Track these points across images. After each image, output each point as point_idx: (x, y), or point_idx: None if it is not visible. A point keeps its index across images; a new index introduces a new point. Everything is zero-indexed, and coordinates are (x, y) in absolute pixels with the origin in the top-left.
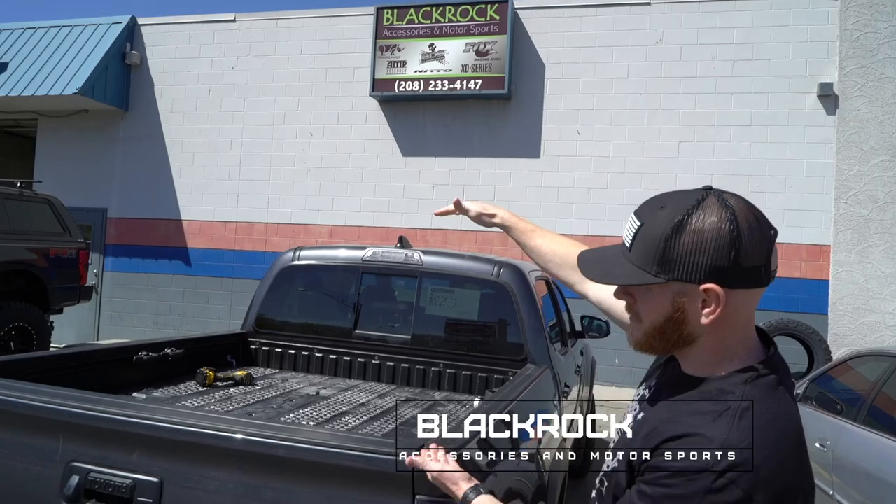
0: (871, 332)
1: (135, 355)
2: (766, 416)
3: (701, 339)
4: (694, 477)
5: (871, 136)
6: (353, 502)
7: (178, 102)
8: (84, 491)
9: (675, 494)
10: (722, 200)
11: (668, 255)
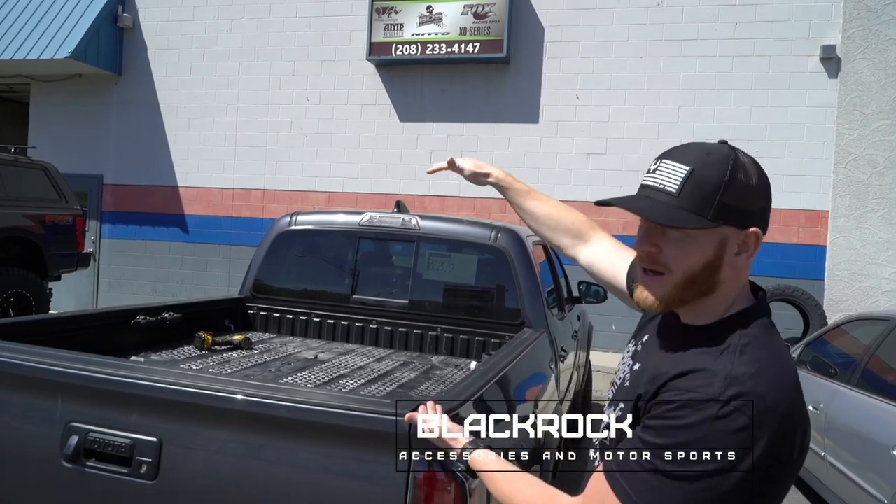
0: (867, 297)
1: (132, 319)
2: (765, 352)
3: (723, 286)
4: (701, 407)
5: (872, 99)
6: (352, 461)
7: (172, 67)
8: (84, 451)
9: (681, 424)
10: (748, 156)
11: (726, 200)
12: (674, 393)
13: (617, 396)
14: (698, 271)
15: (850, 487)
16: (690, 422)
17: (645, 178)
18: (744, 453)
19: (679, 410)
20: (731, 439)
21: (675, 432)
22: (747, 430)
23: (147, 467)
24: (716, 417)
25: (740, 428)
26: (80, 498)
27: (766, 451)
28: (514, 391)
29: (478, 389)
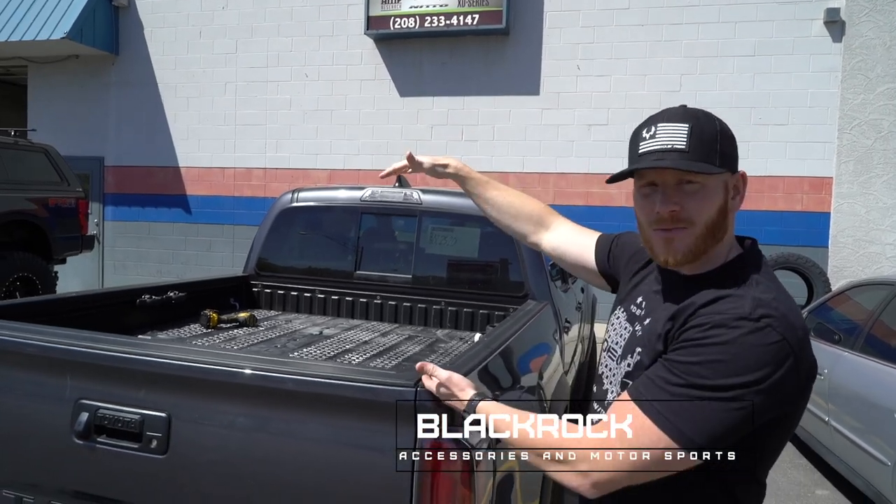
0: (871, 263)
1: (138, 299)
2: (775, 284)
3: (728, 231)
4: (734, 325)
5: (877, 62)
6: (359, 431)
7: (168, 45)
8: (94, 427)
9: (715, 342)
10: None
11: (724, 149)
12: (705, 316)
13: (626, 349)
14: (715, 218)
15: (855, 451)
16: (726, 339)
17: (645, 144)
18: (776, 368)
19: (712, 329)
20: (766, 353)
21: (710, 350)
22: (780, 344)
23: (157, 442)
24: (750, 332)
25: (774, 342)
26: (93, 473)
27: (794, 366)
28: (518, 362)
29: (481, 360)
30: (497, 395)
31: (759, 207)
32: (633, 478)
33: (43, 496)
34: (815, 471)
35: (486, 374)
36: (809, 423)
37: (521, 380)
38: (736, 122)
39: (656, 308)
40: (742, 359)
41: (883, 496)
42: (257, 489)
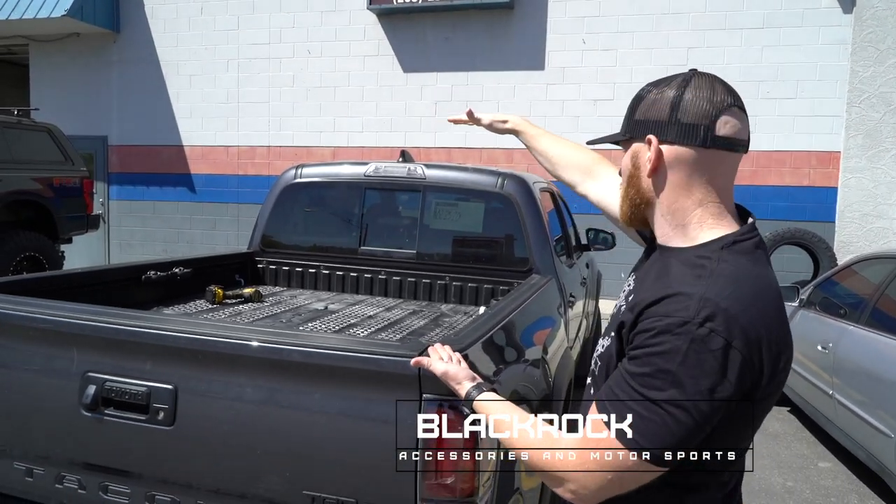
0: (877, 238)
1: (143, 275)
2: (741, 273)
3: (654, 201)
4: (678, 332)
5: (888, 34)
6: (365, 402)
7: (169, 22)
8: (101, 399)
9: (661, 351)
10: (690, 75)
11: (632, 116)
12: (651, 320)
13: (607, 329)
14: (626, 184)
15: (859, 424)
16: (669, 348)
17: None
18: (723, 374)
19: (657, 337)
20: (709, 361)
21: (655, 360)
22: (725, 349)
23: (164, 414)
24: (692, 341)
25: (718, 349)
26: (101, 444)
27: (742, 371)
28: (522, 335)
29: (485, 332)
30: (494, 382)
31: (766, 182)
32: (617, 486)
33: (53, 468)
34: (819, 444)
35: (489, 347)
36: (813, 397)
37: (525, 353)
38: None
39: (641, 284)
40: (688, 367)
41: (886, 468)
42: (263, 459)
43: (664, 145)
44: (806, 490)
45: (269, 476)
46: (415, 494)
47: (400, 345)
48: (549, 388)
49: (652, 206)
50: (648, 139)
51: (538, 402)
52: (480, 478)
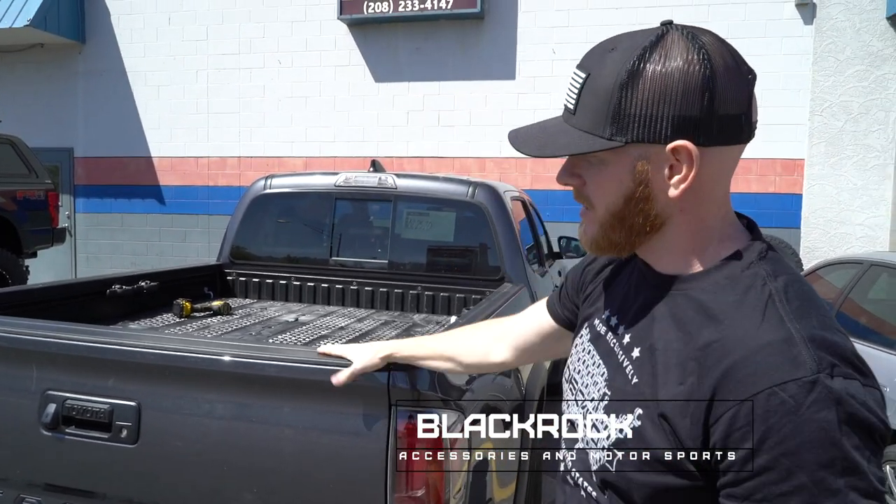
0: (841, 243)
1: (108, 289)
2: (805, 288)
3: (673, 220)
4: (812, 402)
5: (847, 45)
6: (334, 415)
7: (137, 32)
8: (62, 418)
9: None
10: (689, 35)
11: (624, 108)
12: (758, 404)
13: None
14: (621, 206)
15: None
16: (815, 430)
17: None
18: (880, 422)
19: (784, 427)
20: (866, 416)
21: (803, 459)
22: (867, 391)
23: (127, 431)
24: (838, 402)
25: (864, 396)
26: (63, 464)
27: (883, 404)
28: None
29: None
30: (466, 391)
31: (734, 190)
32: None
33: (12, 489)
34: None
35: None
36: None
37: None
38: None
39: (643, 331)
40: (849, 441)
41: None
42: (230, 476)
43: (701, 151)
44: None
45: (238, 493)
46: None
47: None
48: (521, 397)
49: (660, 231)
50: (679, 147)
51: (510, 411)
52: (451, 490)
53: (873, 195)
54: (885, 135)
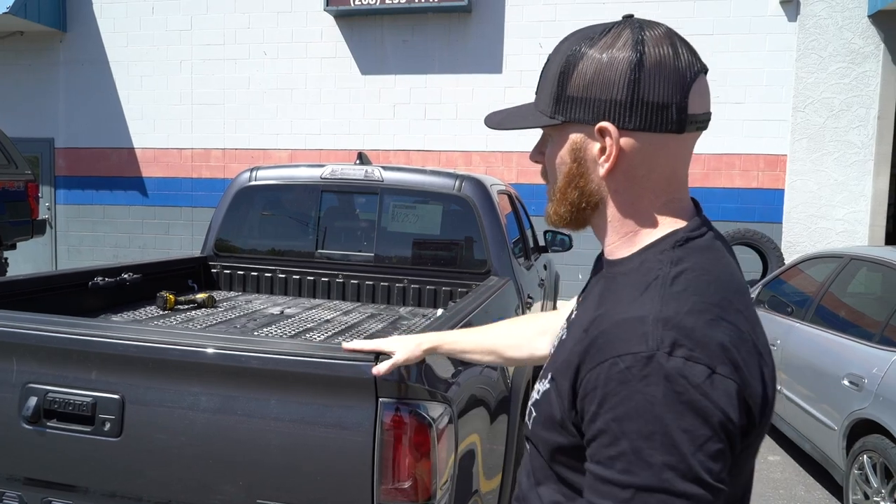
0: (822, 238)
1: (90, 281)
2: (703, 277)
3: (607, 201)
4: (643, 375)
5: (829, 42)
6: (321, 407)
7: (119, 21)
8: (43, 411)
9: (630, 411)
10: (637, 27)
11: (564, 91)
12: (599, 369)
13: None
14: (564, 183)
15: (804, 418)
16: (639, 402)
17: None
18: (719, 411)
19: (618, 394)
20: (700, 399)
21: (627, 426)
22: (712, 378)
23: (110, 425)
24: (667, 379)
25: (704, 379)
26: (44, 458)
27: (739, 399)
28: None
29: None
30: (452, 384)
31: (717, 185)
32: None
33: None
34: (768, 438)
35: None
36: None
37: None
38: None
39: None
40: (675, 420)
41: (829, 459)
42: (215, 469)
43: (625, 135)
44: (756, 483)
45: (222, 486)
46: (372, 499)
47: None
48: (507, 390)
49: (599, 209)
50: (602, 128)
51: (496, 403)
52: (438, 481)
53: (853, 191)
54: (866, 131)
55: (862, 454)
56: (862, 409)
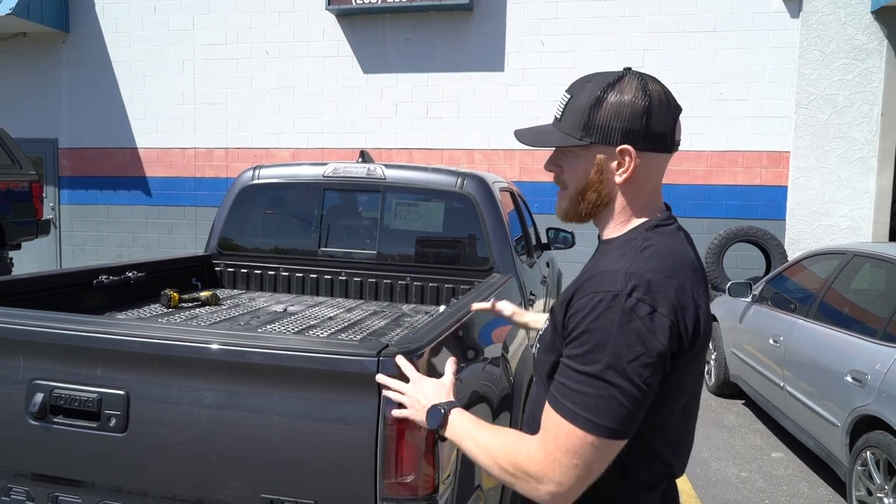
0: (825, 235)
1: (95, 279)
2: (663, 250)
3: (615, 200)
4: (609, 305)
5: (832, 38)
6: (324, 403)
7: (122, 22)
8: (50, 407)
9: (594, 327)
10: (639, 78)
11: (591, 120)
12: (583, 301)
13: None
14: (584, 186)
15: (807, 414)
16: (601, 322)
17: None
18: (653, 336)
19: (590, 315)
20: (639, 327)
21: (590, 336)
22: (651, 315)
23: (116, 420)
24: (622, 312)
25: (646, 315)
26: (50, 454)
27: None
28: (481, 333)
29: (444, 331)
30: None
31: (721, 182)
32: (587, 474)
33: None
34: (772, 435)
35: (448, 345)
36: (766, 390)
37: (484, 351)
38: (698, 98)
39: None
40: (622, 337)
41: (833, 455)
42: (220, 464)
43: (638, 155)
44: (759, 479)
45: (227, 480)
46: (375, 494)
47: (359, 345)
48: (509, 387)
49: (608, 206)
50: (624, 149)
51: (499, 400)
52: (441, 476)
53: (857, 187)
54: (869, 128)
55: (865, 450)
56: (865, 405)
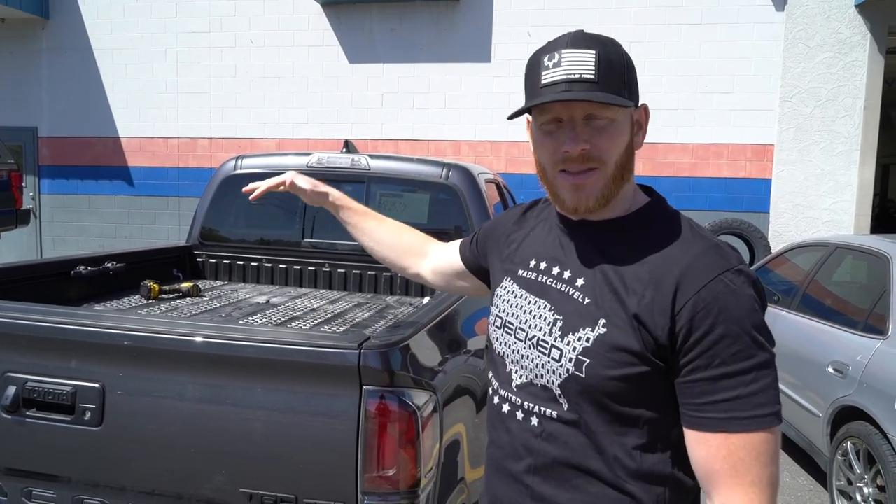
0: (808, 227)
1: (72, 270)
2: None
3: (633, 171)
4: (742, 281)
5: (817, 31)
6: (304, 396)
7: (103, 9)
8: (22, 400)
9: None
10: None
11: (630, 79)
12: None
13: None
14: (622, 155)
15: (790, 405)
16: (744, 298)
17: (548, 74)
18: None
19: (727, 298)
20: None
21: (743, 323)
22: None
23: (91, 414)
24: (753, 282)
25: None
26: (24, 448)
27: None
28: (465, 325)
29: (427, 322)
30: (438, 372)
31: (705, 174)
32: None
33: None
34: None
35: (432, 337)
36: None
37: (467, 343)
38: (684, 91)
39: (587, 265)
40: (754, 314)
41: (814, 446)
42: (199, 458)
43: None
44: None
45: (206, 475)
46: (356, 488)
47: (340, 337)
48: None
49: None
50: (644, 108)
51: (482, 393)
52: (422, 469)
53: (839, 180)
54: (852, 121)
55: (846, 441)
56: (846, 396)
